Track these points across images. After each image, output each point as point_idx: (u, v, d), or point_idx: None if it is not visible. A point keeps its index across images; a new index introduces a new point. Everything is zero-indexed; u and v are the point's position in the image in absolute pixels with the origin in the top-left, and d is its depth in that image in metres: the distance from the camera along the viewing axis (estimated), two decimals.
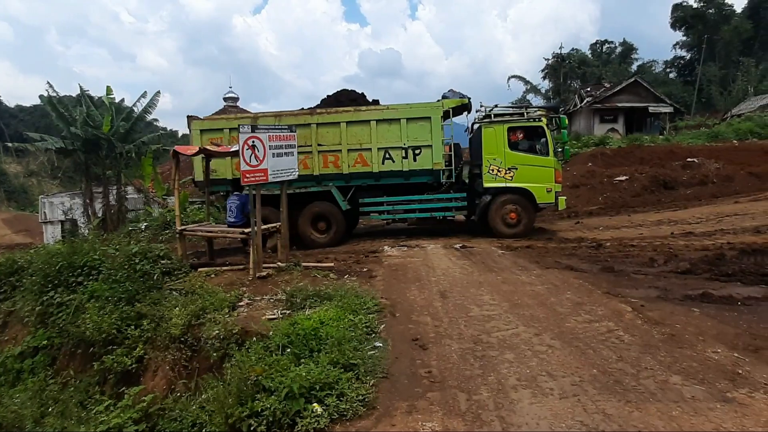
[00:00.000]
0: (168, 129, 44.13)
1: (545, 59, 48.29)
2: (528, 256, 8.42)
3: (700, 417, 3.10)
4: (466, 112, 12.17)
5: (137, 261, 7.49)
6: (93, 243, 8.67)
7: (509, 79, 44.61)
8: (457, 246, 9.62)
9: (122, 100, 20.35)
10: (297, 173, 8.00)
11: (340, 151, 11.04)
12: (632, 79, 33.75)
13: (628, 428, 3.04)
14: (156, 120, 34.89)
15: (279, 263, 7.65)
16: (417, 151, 11.08)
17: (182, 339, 5.91)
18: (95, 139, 17.73)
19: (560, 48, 48.38)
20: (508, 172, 11.00)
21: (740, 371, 3.70)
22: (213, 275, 7.61)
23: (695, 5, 45.15)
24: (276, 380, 3.81)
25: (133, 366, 6.22)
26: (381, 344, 4.69)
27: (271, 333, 4.85)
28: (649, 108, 32.17)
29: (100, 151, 18.21)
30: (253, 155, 6.95)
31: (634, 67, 48.92)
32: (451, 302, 5.92)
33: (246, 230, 7.70)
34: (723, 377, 3.62)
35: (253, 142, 6.95)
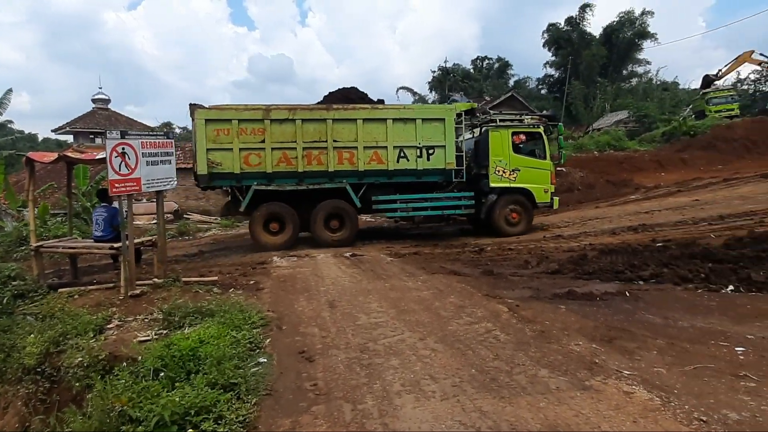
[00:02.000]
0: (25, 132, 39.32)
1: (432, 71, 50.77)
2: (415, 263, 8.68)
3: (563, 406, 3.35)
4: (470, 116, 12.62)
5: None
6: None
7: (398, 90, 46.11)
8: (347, 254, 9.65)
9: None
10: (175, 182, 7.49)
11: (356, 148, 10.97)
12: (509, 94, 36.57)
13: (501, 423, 3.20)
14: (10, 122, 30.74)
15: (155, 279, 7.09)
16: (431, 151, 11.31)
17: (38, 369, 5.22)
18: None
19: (445, 62, 51.24)
20: (512, 173, 11.91)
21: (597, 360, 4.08)
22: (77, 296, 6.84)
23: (564, 28, 50.20)
24: (145, 408, 3.49)
25: None
26: (265, 360, 4.51)
27: (141, 357, 4.46)
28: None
29: None
30: (123, 163, 6.39)
31: (512, 82, 53.10)
32: (340, 312, 5.89)
33: (116, 245, 7.05)
34: (583, 367, 3.97)
35: (123, 149, 6.39)
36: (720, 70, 33.14)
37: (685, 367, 3.87)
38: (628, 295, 6.01)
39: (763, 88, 37.17)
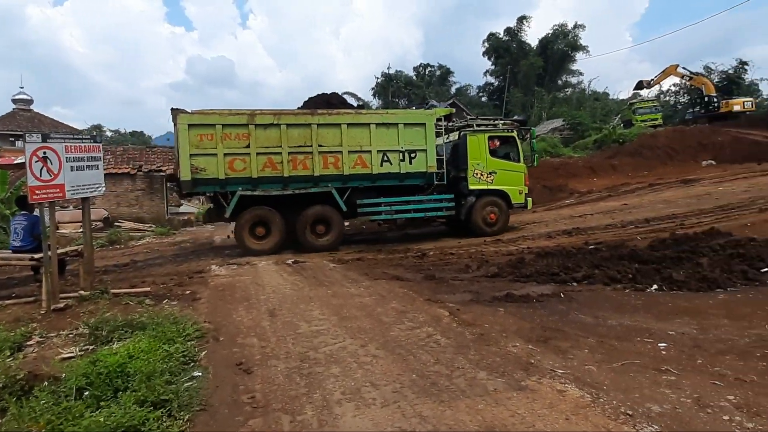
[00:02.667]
0: None
1: (376, 77, 51.32)
2: (358, 269, 8.65)
3: (500, 407, 3.41)
4: (447, 121, 12.98)
5: None
6: None
7: (342, 95, 46.13)
8: (289, 261, 9.49)
9: None
10: (104, 188, 7.10)
11: (341, 152, 11.13)
12: (451, 101, 37.41)
13: (441, 427, 3.21)
14: None
15: (81, 292, 6.67)
16: (412, 155, 11.64)
17: None
18: None
19: (388, 68, 51.84)
20: (489, 175, 12.49)
21: (533, 361, 4.20)
22: None
23: (503, 38, 52.08)
24: (66, 431, 3.25)
25: None
26: (200, 373, 4.32)
27: (64, 375, 4.16)
28: None
29: None
30: (44, 168, 5.98)
31: (453, 89, 54.46)
32: (280, 320, 5.76)
33: (37, 255, 6.58)
34: (519, 368, 4.06)
35: (45, 153, 5.98)
36: (652, 78, 35.51)
37: (614, 363, 4.05)
38: (562, 296, 6.23)
39: (683, 100, 40.11)
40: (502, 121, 13.71)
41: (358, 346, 4.81)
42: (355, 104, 46.08)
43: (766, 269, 6.51)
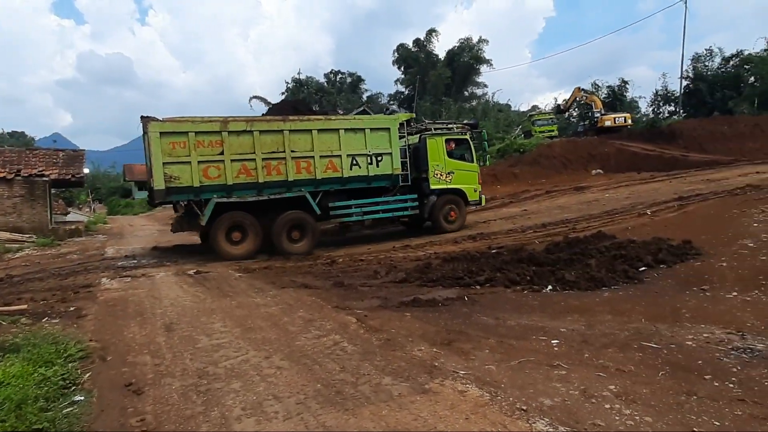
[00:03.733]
0: None
1: (286, 82, 50.62)
2: (265, 278, 8.39)
3: (403, 411, 3.43)
4: (408, 126, 13.53)
5: None
6: None
7: (251, 99, 45.04)
8: (191, 272, 8.99)
9: None
10: None
11: (313, 157, 11.42)
12: (361, 108, 37.69)
13: None
14: None
15: None
16: (379, 158, 12.16)
17: None
18: None
19: (299, 73, 51.37)
20: (447, 176, 13.34)
21: (436, 363, 4.27)
22: None
23: (413, 48, 53.57)
24: None
25: None
26: (82, 397, 3.93)
27: None
28: None
29: None
30: None
31: (365, 97, 55.05)
32: (177, 335, 5.41)
33: None
34: (423, 371, 4.11)
35: None
36: (565, 100, 39.16)
37: (512, 362, 4.23)
38: (466, 299, 6.42)
39: (575, 113, 43.75)
40: (455, 125, 14.75)
41: (261, 358, 4.64)
42: (265, 108, 45.33)
43: (643, 268, 7.18)
